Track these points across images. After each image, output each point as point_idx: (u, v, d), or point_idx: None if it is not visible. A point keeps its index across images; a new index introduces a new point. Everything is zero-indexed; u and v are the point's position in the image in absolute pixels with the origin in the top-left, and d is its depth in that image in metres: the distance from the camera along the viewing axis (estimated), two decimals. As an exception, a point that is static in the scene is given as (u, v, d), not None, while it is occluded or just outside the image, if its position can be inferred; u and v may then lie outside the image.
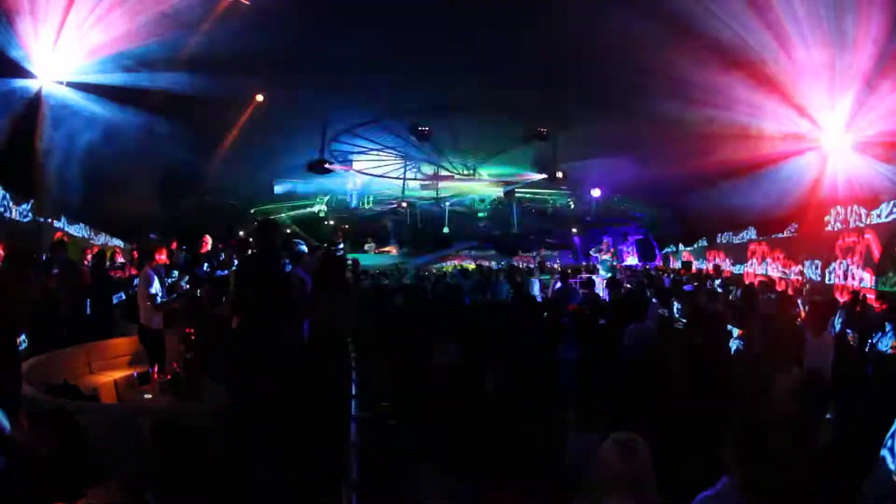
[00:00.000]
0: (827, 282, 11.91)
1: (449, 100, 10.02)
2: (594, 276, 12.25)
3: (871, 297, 9.79)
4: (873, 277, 10.26)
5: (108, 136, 8.66)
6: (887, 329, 7.02)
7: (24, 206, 9.35)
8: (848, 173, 8.94)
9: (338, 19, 6.73)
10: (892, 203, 9.86)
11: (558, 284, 11.62)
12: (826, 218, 12.09)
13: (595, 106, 9.61)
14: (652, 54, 7.00)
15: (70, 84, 7.23)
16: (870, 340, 7.38)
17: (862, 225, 10.93)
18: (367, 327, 7.65)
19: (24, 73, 6.75)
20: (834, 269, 11.87)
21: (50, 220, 10.65)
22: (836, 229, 11.85)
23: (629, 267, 19.81)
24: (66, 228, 11.89)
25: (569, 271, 14.48)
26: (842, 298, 9.48)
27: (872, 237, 10.50)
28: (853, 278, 11.11)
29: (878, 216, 10.31)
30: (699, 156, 10.62)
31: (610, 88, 8.64)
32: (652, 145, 11.30)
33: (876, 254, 10.22)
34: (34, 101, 7.13)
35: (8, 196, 8.78)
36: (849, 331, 7.53)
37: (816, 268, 12.55)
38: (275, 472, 4.35)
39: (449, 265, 25.63)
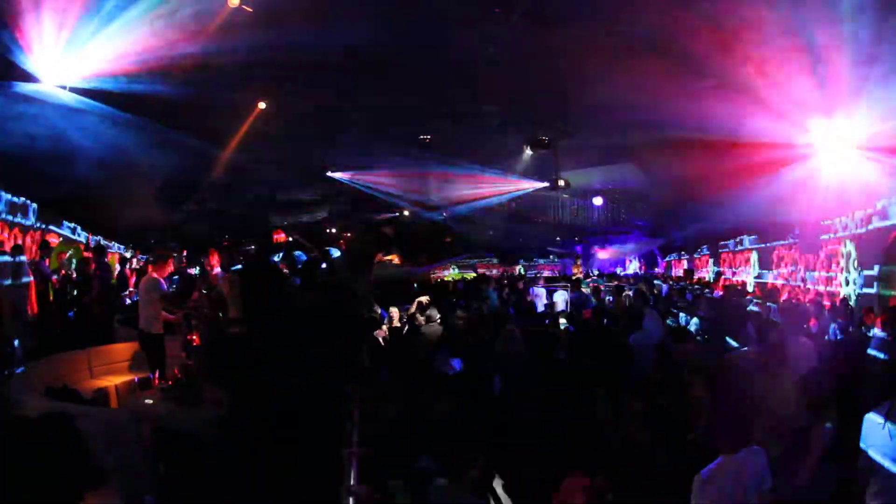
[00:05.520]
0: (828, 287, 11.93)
1: (450, 108, 10.06)
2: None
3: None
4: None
5: (110, 141, 8.71)
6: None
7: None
8: (845, 179, 8.97)
9: (339, 27, 6.76)
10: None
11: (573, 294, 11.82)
12: (824, 223, 12.14)
13: (596, 114, 9.64)
14: (654, 59, 7.02)
15: (73, 89, 7.28)
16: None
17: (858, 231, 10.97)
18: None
19: (27, 77, 6.79)
20: (836, 274, 11.90)
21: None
22: (832, 235, 11.91)
23: (627, 276, 19.84)
24: (68, 233, 11.94)
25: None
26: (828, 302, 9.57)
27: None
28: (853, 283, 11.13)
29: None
30: (701, 163, 10.63)
31: (611, 96, 8.66)
32: (654, 152, 11.33)
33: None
34: (37, 105, 7.17)
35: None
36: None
37: (817, 273, 12.57)
38: (274, 478, 4.33)
39: (451, 273, 25.59)
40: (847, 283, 11.33)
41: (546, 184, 13.88)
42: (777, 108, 7.40)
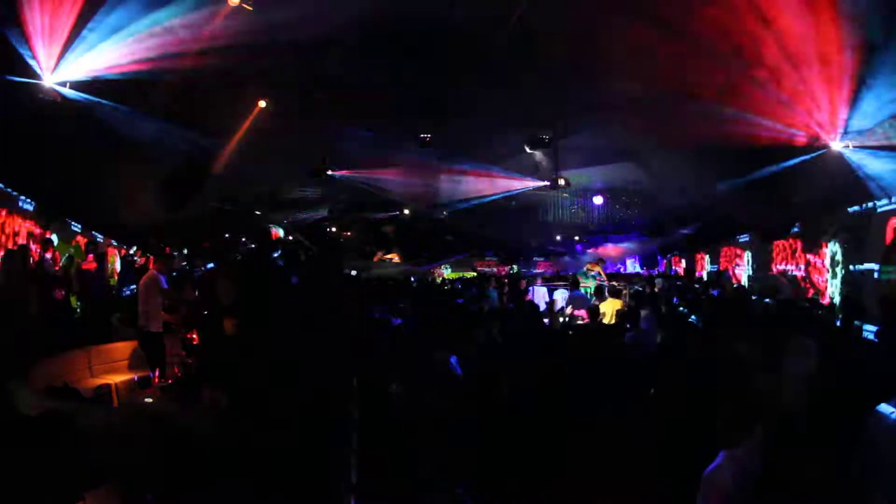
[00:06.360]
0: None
1: (451, 107, 10.05)
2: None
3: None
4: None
5: (110, 139, 8.70)
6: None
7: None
8: (844, 175, 8.97)
9: (339, 25, 6.76)
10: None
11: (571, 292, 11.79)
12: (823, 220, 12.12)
13: (596, 112, 9.63)
14: (652, 59, 7.02)
15: (74, 86, 7.28)
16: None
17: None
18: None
19: (28, 74, 6.79)
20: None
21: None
22: (826, 236, 11.89)
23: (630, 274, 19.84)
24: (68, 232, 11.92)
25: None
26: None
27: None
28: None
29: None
30: (701, 160, 10.63)
31: (611, 95, 8.66)
32: (653, 151, 11.32)
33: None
34: (38, 102, 7.17)
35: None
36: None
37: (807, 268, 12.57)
38: (274, 476, 4.33)
39: (450, 273, 25.60)
40: (843, 282, 11.33)
41: (546, 183, 13.88)
42: (777, 104, 7.41)
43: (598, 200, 16.98)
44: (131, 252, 13.63)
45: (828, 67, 6.43)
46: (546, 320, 9.27)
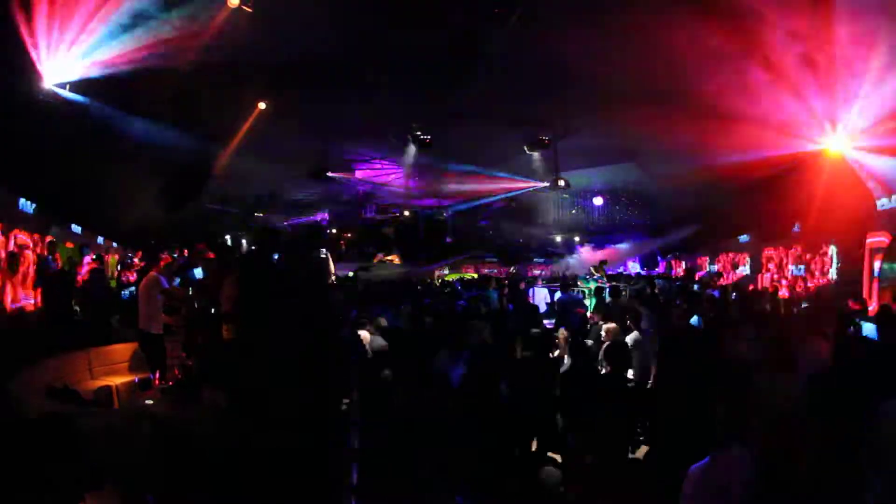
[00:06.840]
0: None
1: (451, 108, 10.07)
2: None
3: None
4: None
5: (110, 141, 8.71)
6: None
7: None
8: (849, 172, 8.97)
9: (339, 26, 6.77)
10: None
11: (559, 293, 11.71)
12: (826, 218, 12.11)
13: (596, 113, 9.64)
14: (653, 60, 7.03)
15: (73, 88, 7.29)
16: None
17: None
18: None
19: (28, 76, 6.80)
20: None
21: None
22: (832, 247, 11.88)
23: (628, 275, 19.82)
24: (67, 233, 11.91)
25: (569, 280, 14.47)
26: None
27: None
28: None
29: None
30: (701, 160, 10.63)
31: (610, 96, 8.67)
32: (653, 151, 11.32)
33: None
34: (38, 103, 7.18)
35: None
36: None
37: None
38: (274, 476, 4.33)
39: (450, 274, 25.58)
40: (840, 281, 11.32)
41: (546, 184, 13.89)
42: (777, 104, 7.42)
43: (597, 201, 17.00)
44: (129, 255, 13.61)
45: (828, 67, 6.44)
46: (548, 322, 9.24)
